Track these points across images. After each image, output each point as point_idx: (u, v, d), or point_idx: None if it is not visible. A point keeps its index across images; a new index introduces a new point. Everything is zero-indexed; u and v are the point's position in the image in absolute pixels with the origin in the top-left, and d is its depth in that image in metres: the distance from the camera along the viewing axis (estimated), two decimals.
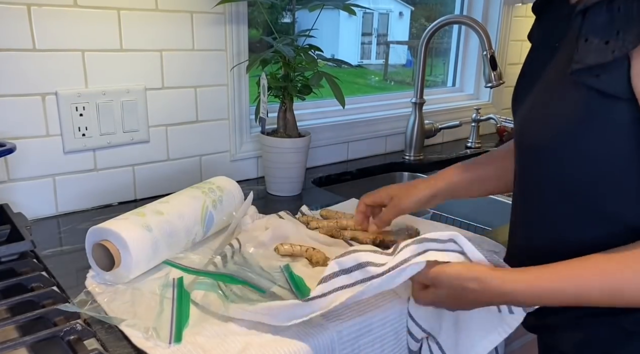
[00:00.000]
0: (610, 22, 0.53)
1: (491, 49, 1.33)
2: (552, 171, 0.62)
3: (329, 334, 0.67)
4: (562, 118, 0.59)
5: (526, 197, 0.69)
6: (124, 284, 0.75)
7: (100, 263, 0.76)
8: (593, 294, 0.56)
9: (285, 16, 1.32)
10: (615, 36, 0.52)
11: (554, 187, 0.63)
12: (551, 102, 0.61)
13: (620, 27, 0.52)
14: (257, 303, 0.67)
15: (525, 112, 0.67)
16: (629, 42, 0.51)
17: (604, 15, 0.53)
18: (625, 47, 0.51)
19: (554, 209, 0.64)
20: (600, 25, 0.54)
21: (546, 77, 0.63)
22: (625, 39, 0.51)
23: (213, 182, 0.95)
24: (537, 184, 0.65)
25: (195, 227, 0.85)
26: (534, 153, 0.64)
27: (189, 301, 0.71)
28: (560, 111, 0.59)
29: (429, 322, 0.74)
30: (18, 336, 0.61)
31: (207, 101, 1.19)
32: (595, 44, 0.54)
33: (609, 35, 0.53)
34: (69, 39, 0.97)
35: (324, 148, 1.46)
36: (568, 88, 0.58)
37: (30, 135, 0.98)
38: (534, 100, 0.65)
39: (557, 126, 0.59)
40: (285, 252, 0.85)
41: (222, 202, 0.92)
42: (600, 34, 0.53)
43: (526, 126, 0.66)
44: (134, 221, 0.77)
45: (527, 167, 0.67)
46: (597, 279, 0.56)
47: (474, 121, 1.73)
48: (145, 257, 0.76)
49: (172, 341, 0.62)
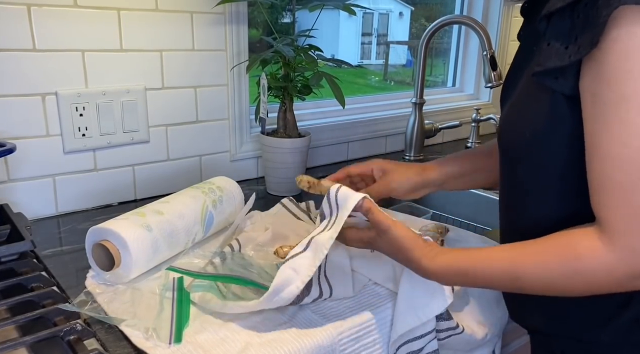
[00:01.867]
0: (571, 27, 0.55)
1: (491, 49, 1.33)
2: (525, 167, 0.65)
3: (329, 334, 0.67)
4: (532, 118, 0.62)
5: (504, 189, 0.72)
6: (123, 284, 0.75)
7: (100, 263, 0.76)
8: (496, 278, 0.61)
9: (285, 16, 1.32)
10: (574, 41, 0.54)
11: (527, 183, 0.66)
12: (524, 103, 0.64)
13: (578, 33, 0.54)
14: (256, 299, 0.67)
15: (505, 111, 0.70)
16: (584, 47, 0.53)
17: (566, 21, 0.56)
18: (580, 53, 0.53)
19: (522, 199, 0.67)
20: (562, 31, 0.56)
21: (524, 79, 0.66)
22: (580, 45, 0.53)
23: (213, 182, 0.95)
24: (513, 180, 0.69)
25: (195, 227, 0.85)
26: (510, 150, 0.68)
27: (189, 301, 0.71)
28: (531, 111, 0.62)
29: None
30: (18, 336, 0.61)
31: (207, 101, 1.19)
32: (556, 49, 0.56)
33: (569, 40, 0.55)
34: (69, 39, 0.98)
35: (324, 148, 1.46)
36: (537, 90, 0.61)
37: (30, 135, 0.98)
38: (513, 101, 0.67)
39: (528, 126, 0.62)
40: (285, 255, 0.85)
41: (222, 203, 0.92)
42: (561, 39, 0.56)
43: (504, 124, 0.69)
44: (134, 220, 0.77)
45: (506, 163, 0.71)
46: (504, 265, 0.60)
47: (474, 121, 1.73)
48: (145, 257, 0.76)
49: (172, 341, 0.62)
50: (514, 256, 0.60)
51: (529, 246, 0.60)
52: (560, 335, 0.68)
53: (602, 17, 0.51)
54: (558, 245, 0.57)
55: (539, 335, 0.74)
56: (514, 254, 0.60)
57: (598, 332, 0.64)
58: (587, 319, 0.64)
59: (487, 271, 0.61)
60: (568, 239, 0.57)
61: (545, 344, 0.72)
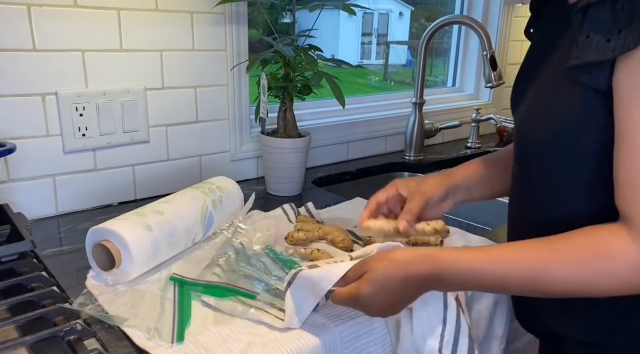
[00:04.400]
0: (613, 20, 0.53)
1: (491, 49, 1.33)
2: (549, 166, 0.63)
3: (330, 333, 0.67)
4: (560, 115, 0.60)
5: (523, 193, 0.70)
6: (123, 285, 0.75)
7: (101, 263, 0.76)
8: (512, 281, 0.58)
9: (285, 16, 1.32)
10: (617, 34, 0.52)
11: (550, 182, 0.64)
12: (550, 99, 0.62)
13: (622, 26, 0.52)
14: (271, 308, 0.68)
15: (524, 109, 0.68)
16: (631, 41, 0.51)
17: (606, 13, 0.53)
18: (627, 46, 0.51)
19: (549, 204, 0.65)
20: (602, 23, 0.54)
21: (545, 75, 0.64)
22: (627, 38, 0.51)
23: (213, 182, 0.95)
24: (534, 180, 0.67)
25: (196, 227, 0.85)
26: (533, 149, 0.65)
27: (190, 301, 0.71)
28: (559, 108, 0.60)
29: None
30: (18, 336, 0.61)
31: (207, 101, 1.19)
32: (596, 41, 0.54)
33: (611, 33, 0.53)
34: (69, 39, 0.97)
35: (324, 148, 1.46)
36: (566, 86, 0.59)
37: (30, 135, 0.98)
38: (533, 97, 0.65)
39: (555, 123, 0.60)
40: (297, 240, 0.86)
41: (222, 202, 0.92)
42: (602, 32, 0.54)
43: (525, 123, 0.67)
44: (134, 221, 0.77)
45: (524, 163, 0.68)
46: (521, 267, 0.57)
47: (474, 121, 1.73)
48: (146, 257, 0.76)
49: (175, 341, 0.62)
50: (534, 257, 0.57)
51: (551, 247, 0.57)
52: (572, 339, 0.67)
53: None
54: (589, 244, 0.55)
55: (549, 340, 0.72)
56: (531, 256, 0.57)
57: (612, 334, 0.63)
58: (602, 320, 0.63)
59: (503, 274, 0.58)
60: (597, 238, 0.55)
61: (556, 350, 0.71)
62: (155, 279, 0.78)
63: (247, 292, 0.72)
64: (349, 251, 0.82)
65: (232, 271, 0.77)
